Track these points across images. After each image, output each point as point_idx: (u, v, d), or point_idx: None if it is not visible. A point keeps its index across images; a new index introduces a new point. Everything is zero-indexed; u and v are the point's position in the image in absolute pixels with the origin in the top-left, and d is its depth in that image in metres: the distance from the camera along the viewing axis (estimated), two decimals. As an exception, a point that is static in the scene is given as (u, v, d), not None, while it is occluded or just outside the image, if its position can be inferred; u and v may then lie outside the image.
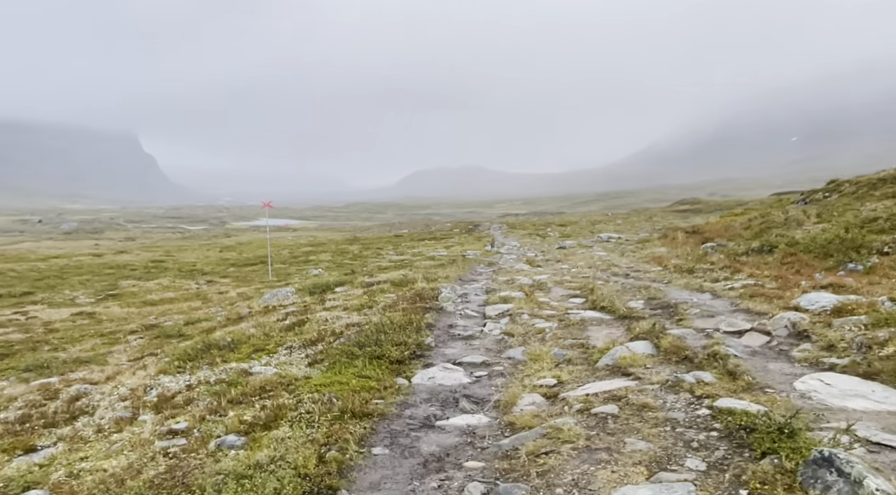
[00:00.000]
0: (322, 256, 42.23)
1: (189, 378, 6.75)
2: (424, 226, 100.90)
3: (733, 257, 10.64)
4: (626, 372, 5.07)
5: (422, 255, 39.71)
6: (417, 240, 58.80)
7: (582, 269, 11.86)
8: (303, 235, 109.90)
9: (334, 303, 10.87)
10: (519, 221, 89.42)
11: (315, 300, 12.59)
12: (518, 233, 63.21)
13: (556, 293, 9.10)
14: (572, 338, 6.60)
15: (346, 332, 7.72)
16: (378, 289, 11.57)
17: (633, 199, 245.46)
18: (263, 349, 7.61)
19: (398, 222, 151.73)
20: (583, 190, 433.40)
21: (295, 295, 14.92)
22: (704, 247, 13.18)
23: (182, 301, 21.09)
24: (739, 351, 5.23)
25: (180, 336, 11.45)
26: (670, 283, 8.97)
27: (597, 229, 64.90)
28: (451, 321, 7.98)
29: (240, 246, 64.97)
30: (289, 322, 9.55)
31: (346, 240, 65.73)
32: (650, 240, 17.95)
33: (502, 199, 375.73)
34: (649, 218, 79.27)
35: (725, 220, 18.77)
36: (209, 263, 41.35)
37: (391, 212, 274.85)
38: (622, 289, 8.63)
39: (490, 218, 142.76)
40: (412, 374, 5.84)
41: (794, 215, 12.88)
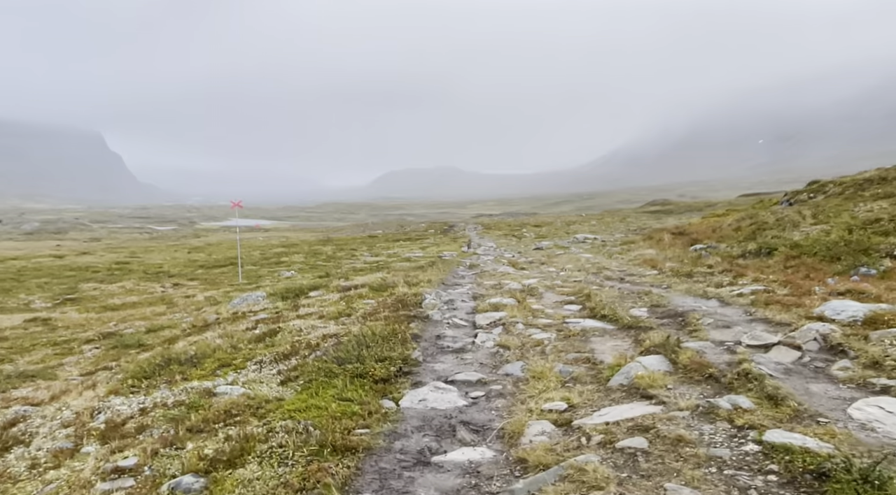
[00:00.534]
0: (294, 257, 41.12)
1: (144, 399, 5.95)
2: (398, 227, 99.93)
3: (730, 260, 10.18)
4: (645, 394, 4.46)
5: (397, 257, 38.89)
6: (392, 240, 57.91)
7: (572, 273, 11.29)
8: (275, 236, 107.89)
9: (309, 309, 10.10)
10: (494, 222, 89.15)
11: (288, 306, 11.79)
12: (493, 234, 62.75)
13: (550, 299, 8.48)
14: (575, 351, 5.98)
15: (323, 344, 6.98)
16: (356, 295, 10.83)
17: (605, 200, 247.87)
18: (230, 364, 6.83)
19: (372, 222, 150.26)
20: (555, 191, 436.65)
21: (266, 299, 14.08)
22: (694, 249, 12.76)
23: (145, 305, 20.00)
24: (771, 368, 4.67)
25: (139, 346, 10.55)
26: (670, 288, 8.42)
27: (572, 230, 64.88)
28: (439, 331, 7.30)
29: (209, 247, 63.21)
30: (259, 331, 8.76)
31: (319, 240, 64.51)
32: (635, 242, 17.53)
33: (476, 200, 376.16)
34: (623, 219, 79.66)
35: (710, 221, 18.47)
36: (176, 265, 39.92)
37: (364, 213, 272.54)
38: (620, 295, 8.05)
39: (464, 218, 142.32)
40: (400, 396, 5.15)
41: (788, 216, 12.53)
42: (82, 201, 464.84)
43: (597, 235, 53.31)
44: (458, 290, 10.29)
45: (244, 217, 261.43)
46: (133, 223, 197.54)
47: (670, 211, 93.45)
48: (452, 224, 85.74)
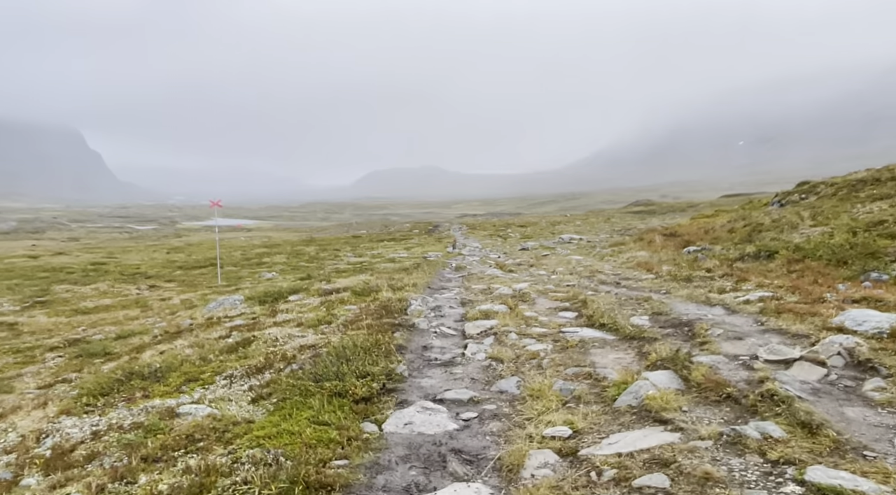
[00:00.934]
0: (276, 258, 40.32)
1: (98, 421, 5.36)
2: (383, 227, 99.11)
3: (729, 263, 9.77)
4: (659, 417, 3.98)
5: (381, 257, 38.25)
6: (376, 241, 57.20)
7: (563, 276, 10.81)
8: (257, 236, 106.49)
9: (287, 316, 9.52)
10: (478, 222, 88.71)
11: (265, 311, 11.20)
12: (478, 234, 62.26)
13: (543, 305, 7.99)
14: (574, 364, 5.49)
15: (300, 357, 6.43)
16: (337, 300, 10.26)
17: (589, 201, 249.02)
18: (198, 378, 6.25)
19: (356, 222, 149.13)
20: (539, 191, 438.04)
21: (243, 304, 13.45)
22: (687, 251, 12.37)
23: (119, 309, 19.23)
24: (797, 388, 4.21)
25: (105, 355, 9.89)
26: (670, 294, 7.96)
27: (557, 230, 64.62)
28: (426, 341, 6.78)
29: (189, 247, 62.01)
30: (233, 340, 8.18)
31: (302, 240, 63.59)
32: (625, 243, 17.12)
33: (460, 200, 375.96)
34: (607, 219, 79.62)
35: (699, 222, 18.16)
36: (154, 266, 38.92)
37: (348, 212, 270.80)
38: (618, 302, 7.57)
39: (449, 218, 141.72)
40: (384, 418, 4.63)
41: (786, 218, 12.19)
42: (61, 200, 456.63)
43: (582, 236, 53.02)
44: (445, 295, 9.77)
45: (226, 217, 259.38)
46: (113, 222, 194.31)
47: (653, 211, 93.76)
48: (437, 224, 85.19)
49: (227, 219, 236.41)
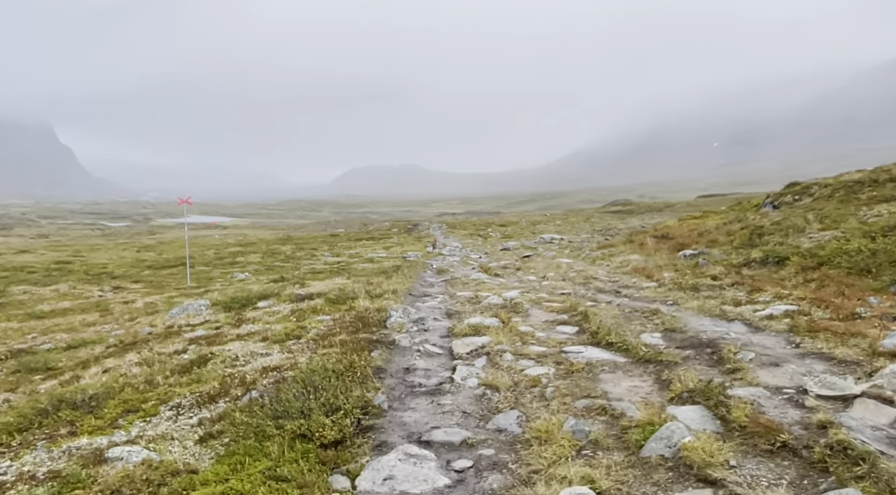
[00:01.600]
0: (251, 258, 39.03)
1: (8, 467, 4.39)
2: (361, 225, 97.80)
3: (734, 270, 9.06)
4: (703, 476, 3.17)
5: (360, 257, 37.20)
6: (354, 240, 56.03)
7: (556, 283, 9.98)
8: (233, 234, 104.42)
9: (253, 327, 8.57)
10: (458, 221, 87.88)
11: (230, 320, 10.22)
12: (458, 234, 61.39)
13: (538, 317, 7.17)
14: (584, 394, 4.67)
15: (262, 382, 5.52)
16: (309, 309, 9.33)
17: (567, 200, 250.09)
18: (139, 408, 5.30)
19: (334, 220, 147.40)
20: (518, 190, 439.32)
21: (209, 309, 12.44)
22: (683, 255, 11.66)
23: (78, 313, 18.01)
24: (868, 436, 3.42)
25: (47, 370, 8.83)
26: (679, 306, 7.20)
27: (537, 230, 64.13)
28: (408, 361, 5.91)
29: (161, 245, 60.19)
30: (189, 356, 7.22)
31: (278, 239, 62.17)
32: (614, 246, 16.39)
33: (439, 199, 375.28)
34: (587, 219, 79.27)
35: (689, 224, 17.54)
36: (122, 265, 37.39)
37: (327, 210, 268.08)
38: (622, 314, 6.79)
39: (428, 217, 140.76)
40: (358, 469, 3.75)
41: (790, 221, 11.54)
42: (31, 196, 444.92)
43: (563, 236, 52.44)
44: (428, 303, 8.92)
45: (202, 214, 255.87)
46: (84, 219, 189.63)
47: (631, 211, 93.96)
48: (416, 223, 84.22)
49: (203, 216, 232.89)
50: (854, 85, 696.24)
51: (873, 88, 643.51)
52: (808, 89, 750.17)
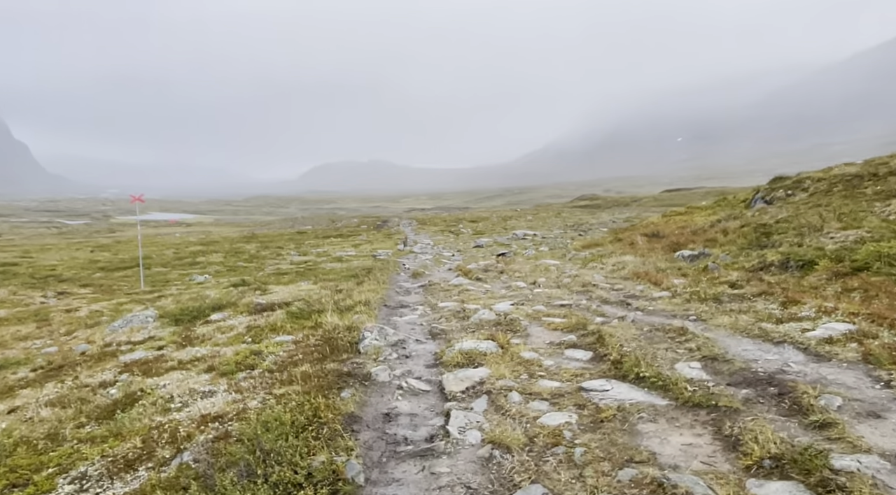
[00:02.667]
0: (212, 257, 37.11)
1: None
2: (330, 222, 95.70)
3: (751, 275, 8.04)
4: None
5: (328, 256, 35.66)
6: (322, 237, 54.29)
7: (550, 291, 8.78)
8: (197, 231, 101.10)
9: (199, 351, 7.23)
10: (428, 217, 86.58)
11: (177, 337, 8.85)
12: (429, 230, 60.07)
13: (541, 338, 5.99)
14: (624, 456, 3.53)
15: (199, 438, 4.24)
16: (268, 326, 8.01)
17: (535, 195, 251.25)
18: (28, 482, 3.97)
19: (301, 217, 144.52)
20: (487, 185, 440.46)
21: (156, 322, 11.00)
22: (681, 256, 10.67)
23: (13, 323, 16.24)
24: None
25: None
26: (705, 322, 6.08)
27: (509, 226, 63.30)
28: (388, 403, 4.69)
29: (117, 244, 57.42)
30: (115, 392, 5.88)
31: (242, 237, 59.92)
32: (601, 244, 15.34)
33: (408, 194, 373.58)
34: (557, 213, 78.82)
35: (677, 220, 16.64)
36: (73, 267, 35.09)
37: (294, 207, 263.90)
38: (642, 333, 5.66)
39: (397, 213, 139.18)
40: None
41: (803, 218, 10.62)
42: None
43: (536, 231, 51.62)
44: (406, 318, 7.71)
45: (165, 211, 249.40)
46: (40, 217, 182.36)
47: (599, 205, 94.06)
48: (386, 219, 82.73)
49: (165, 213, 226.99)
50: (808, 82, 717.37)
51: (826, 86, 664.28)
52: (765, 86, 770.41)
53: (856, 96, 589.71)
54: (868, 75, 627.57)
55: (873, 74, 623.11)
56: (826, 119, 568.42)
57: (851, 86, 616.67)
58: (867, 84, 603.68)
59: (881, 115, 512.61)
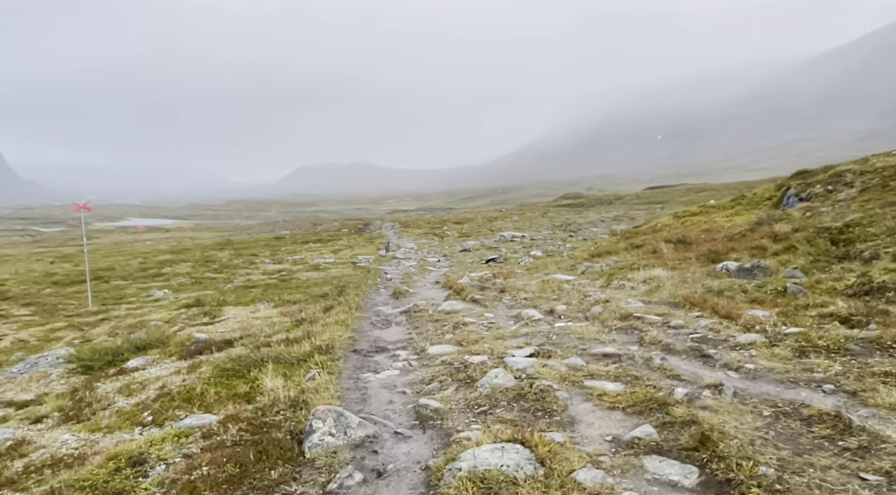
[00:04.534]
0: (180, 268, 34.42)
1: None
2: (311, 225, 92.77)
3: (857, 302, 5.88)
4: None
5: (304, 264, 33.08)
6: (301, 242, 51.58)
7: (576, 325, 6.30)
8: (172, 237, 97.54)
9: (67, 441, 4.85)
10: (412, 219, 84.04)
11: (68, 402, 6.44)
12: (412, 233, 57.58)
13: (593, 426, 3.64)
14: None
15: None
16: (184, 392, 5.63)
17: (518, 194, 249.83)
18: None
19: (283, 220, 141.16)
20: (470, 185, 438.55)
21: (62, 368, 8.56)
22: (725, 270, 8.48)
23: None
24: None
25: None
26: (851, 394, 3.80)
27: (495, 227, 61.10)
28: None
29: (82, 254, 54.11)
30: None
31: (216, 244, 56.94)
32: (615, 251, 12.94)
33: (391, 195, 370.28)
34: (543, 213, 76.72)
35: (698, 222, 14.45)
36: (26, 281, 32.22)
37: (275, 210, 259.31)
38: (767, 425, 3.47)
39: (380, 215, 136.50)
40: None
41: (885, 221, 8.50)
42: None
43: (523, 233, 49.36)
44: (382, 375, 5.39)
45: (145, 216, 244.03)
46: (14, 224, 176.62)
47: (583, 204, 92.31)
48: (368, 222, 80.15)
49: (145, 219, 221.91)
50: (782, 79, 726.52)
51: (800, 82, 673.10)
52: (741, 82, 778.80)
53: (829, 92, 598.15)
54: (841, 72, 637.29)
55: (846, 71, 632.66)
56: (800, 115, 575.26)
57: (825, 81, 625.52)
58: (840, 80, 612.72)
59: (854, 111, 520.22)
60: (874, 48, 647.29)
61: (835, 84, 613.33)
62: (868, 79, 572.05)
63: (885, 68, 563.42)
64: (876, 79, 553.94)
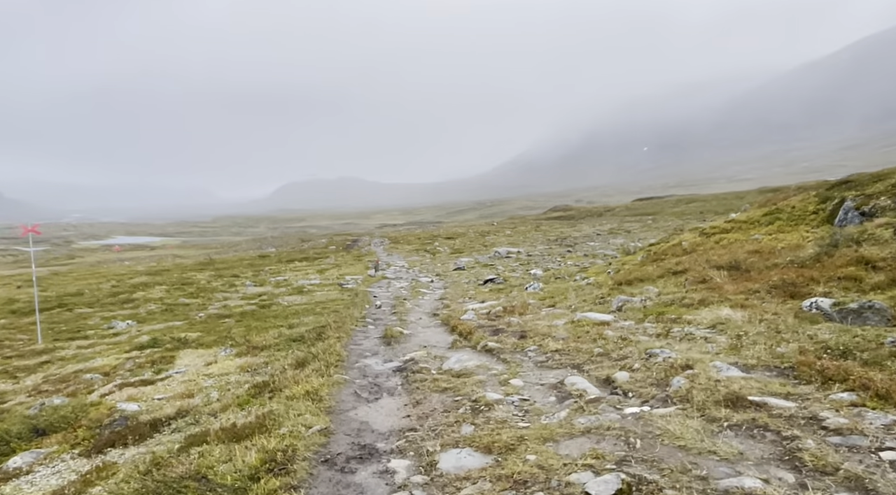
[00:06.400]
0: (153, 292, 31.90)
1: None
2: (298, 241, 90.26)
3: None
4: None
5: (287, 286, 30.74)
6: (286, 261, 49.14)
7: (656, 408, 4.21)
8: (158, 255, 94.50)
9: None
10: (401, 234, 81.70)
11: None
12: (403, 249, 55.21)
13: None
14: None
15: None
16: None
17: (507, 207, 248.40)
18: None
19: (271, 236, 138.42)
20: (458, 199, 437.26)
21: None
22: (815, 307, 6.50)
23: None
24: None
25: None
26: None
27: (488, 242, 58.84)
28: None
29: (55, 276, 51.40)
30: None
31: (197, 264, 54.30)
32: (648, 279, 10.67)
33: (379, 210, 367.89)
34: (536, 227, 74.68)
35: (733, 240, 12.38)
36: (-19, 310, 29.57)
37: (264, 226, 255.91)
38: None
39: (369, 230, 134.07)
40: None
41: None
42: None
43: (518, 248, 47.14)
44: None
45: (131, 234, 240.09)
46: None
47: (573, 216, 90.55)
48: (356, 238, 77.76)
49: (131, 237, 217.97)
50: (767, 88, 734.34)
51: (785, 92, 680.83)
52: (726, 92, 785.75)
53: (815, 102, 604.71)
54: (826, 81, 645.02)
55: (831, 80, 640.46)
56: (782, 124, 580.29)
57: (810, 91, 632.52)
58: (825, 90, 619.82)
59: (838, 120, 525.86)
60: (858, 57, 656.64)
61: (820, 94, 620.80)
62: (852, 88, 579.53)
63: (869, 77, 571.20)
64: (860, 88, 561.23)
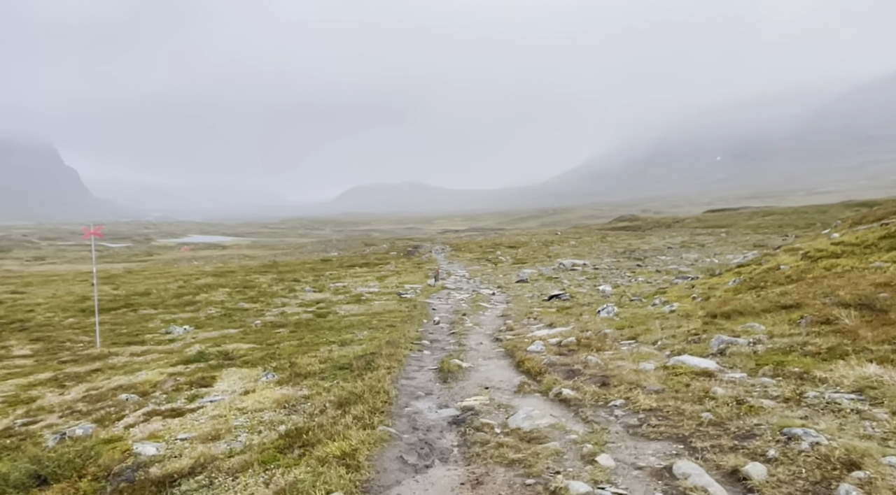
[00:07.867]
0: (216, 295, 32.10)
1: None
2: (361, 245, 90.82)
3: None
4: None
5: (346, 293, 30.25)
6: (347, 267, 49.05)
7: None
8: (228, 255, 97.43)
9: None
10: (462, 241, 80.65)
11: None
12: (464, 258, 54.04)
13: None
14: None
15: None
16: None
17: (571, 216, 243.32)
18: None
19: (336, 239, 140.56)
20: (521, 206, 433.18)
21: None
22: None
23: None
24: None
25: None
26: None
27: (552, 252, 56.71)
28: None
29: (128, 274, 53.21)
30: None
31: (261, 266, 55.07)
32: (749, 312, 8.94)
33: (442, 215, 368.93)
34: (602, 237, 71.82)
35: (852, 268, 10.56)
36: (56, 306, 30.50)
37: (329, 229, 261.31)
38: None
39: (430, 235, 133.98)
40: None
41: None
42: (33, 217, 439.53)
43: (584, 260, 45.02)
44: None
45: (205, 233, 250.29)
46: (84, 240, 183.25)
47: (639, 226, 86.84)
48: (417, 244, 77.24)
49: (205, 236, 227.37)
50: (854, 97, 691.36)
51: (874, 101, 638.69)
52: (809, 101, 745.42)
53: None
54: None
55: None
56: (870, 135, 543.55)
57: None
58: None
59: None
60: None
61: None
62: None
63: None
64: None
